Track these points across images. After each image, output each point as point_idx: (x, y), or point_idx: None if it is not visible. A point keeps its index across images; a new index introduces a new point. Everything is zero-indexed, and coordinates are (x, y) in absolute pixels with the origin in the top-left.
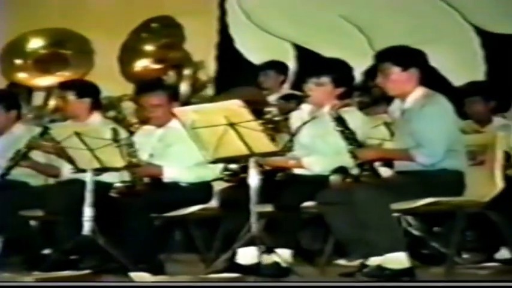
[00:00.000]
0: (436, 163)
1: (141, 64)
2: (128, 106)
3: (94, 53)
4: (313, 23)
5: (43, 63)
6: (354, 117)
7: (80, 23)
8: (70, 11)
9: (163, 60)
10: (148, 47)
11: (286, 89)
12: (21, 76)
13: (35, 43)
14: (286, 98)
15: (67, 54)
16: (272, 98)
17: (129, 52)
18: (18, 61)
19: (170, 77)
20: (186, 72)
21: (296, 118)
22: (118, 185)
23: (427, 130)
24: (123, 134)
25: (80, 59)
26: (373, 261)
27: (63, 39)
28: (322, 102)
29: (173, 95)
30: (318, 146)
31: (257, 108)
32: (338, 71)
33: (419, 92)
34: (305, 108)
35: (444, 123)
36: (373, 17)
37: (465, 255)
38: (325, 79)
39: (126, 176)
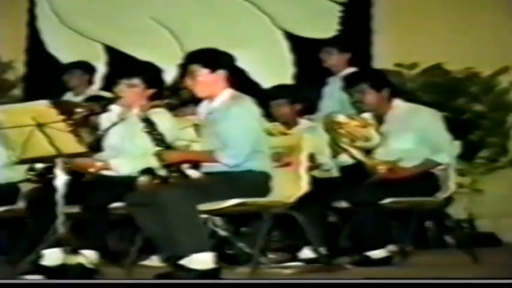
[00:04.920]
0: (241, 164)
1: None
2: None
3: None
4: (124, 25)
5: None
6: (163, 119)
7: None
8: None
9: None
10: None
11: (95, 90)
12: None
13: None
14: (94, 99)
15: None
16: (80, 99)
17: None
18: None
19: None
20: None
21: (105, 119)
22: None
23: (231, 131)
24: None
25: None
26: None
27: None
28: (133, 103)
29: None
30: (126, 148)
31: (66, 110)
32: (149, 72)
33: (226, 93)
34: (114, 109)
35: (249, 124)
36: (183, 20)
37: (270, 255)
38: (136, 80)
39: None
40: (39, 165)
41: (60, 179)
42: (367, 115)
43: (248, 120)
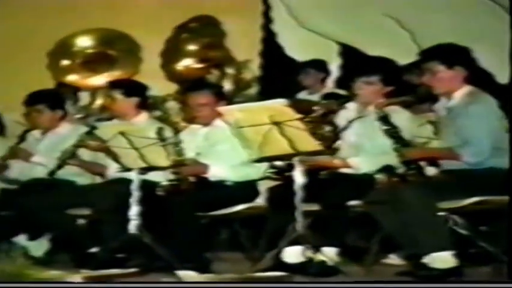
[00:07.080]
0: (482, 161)
1: (184, 64)
2: (172, 106)
3: (141, 53)
4: (357, 21)
5: (91, 63)
6: (400, 116)
7: (122, 22)
8: (111, 10)
9: (205, 60)
10: (190, 47)
11: (329, 87)
12: (70, 76)
13: (83, 43)
14: (329, 96)
15: (115, 54)
16: (315, 97)
17: (171, 52)
18: (66, 61)
19: (213, 76)
20: (229, 71)
21: (342, 117)
22: (164, 183)
23: (473, 128)
24: (168, 133)
25: (128, 59)
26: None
27: (111, 39)
28: (370, 101)
29: (219, 94)
30: (364, 146)
31: (303, 108)
32: (387, 70)
33: (465, 90)
34: (351, 107)
35: (490, 121)
36: (416, 15)
37: None
38: (374, 78)
39: (171, 174)
40: (279, 163)
41: (299, 176)
42: None
43: (489, 117)
